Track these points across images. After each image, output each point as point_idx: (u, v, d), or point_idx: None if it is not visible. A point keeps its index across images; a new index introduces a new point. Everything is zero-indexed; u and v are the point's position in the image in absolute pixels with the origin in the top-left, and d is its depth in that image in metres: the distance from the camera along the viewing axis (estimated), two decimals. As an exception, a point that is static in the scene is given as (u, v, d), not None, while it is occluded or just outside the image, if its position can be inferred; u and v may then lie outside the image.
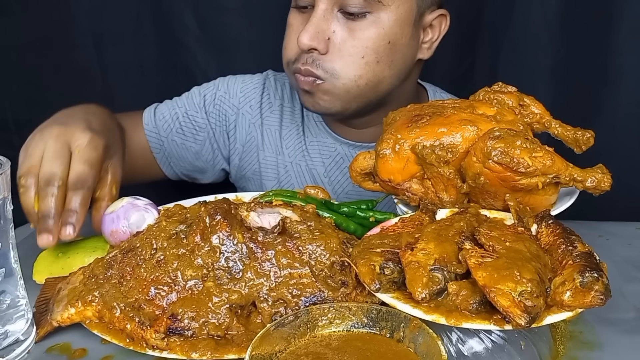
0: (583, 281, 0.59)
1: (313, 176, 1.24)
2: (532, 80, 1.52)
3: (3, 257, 0.66)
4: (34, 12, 1.58)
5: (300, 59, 1.07)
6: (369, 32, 1.04)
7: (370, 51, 1.04)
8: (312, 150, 1.24)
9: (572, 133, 0.82)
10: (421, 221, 0.74)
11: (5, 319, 0.67)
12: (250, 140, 1.27)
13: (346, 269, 0.72)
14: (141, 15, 1.59)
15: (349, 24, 1.04)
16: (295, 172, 1.25)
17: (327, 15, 1.03)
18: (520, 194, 0.75)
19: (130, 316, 0.68)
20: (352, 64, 1.05)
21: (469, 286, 0.61)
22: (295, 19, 1.10)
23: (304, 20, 1.07)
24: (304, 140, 1.25)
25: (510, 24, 1.52)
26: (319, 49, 1.04)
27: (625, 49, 1.45)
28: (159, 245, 0.73)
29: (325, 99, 1.08)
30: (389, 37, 1.05)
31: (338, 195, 1.22)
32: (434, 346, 0.56)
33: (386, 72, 1.08)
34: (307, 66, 1.06)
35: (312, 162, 1.24)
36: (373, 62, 1.05)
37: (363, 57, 1.05)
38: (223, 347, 0.66)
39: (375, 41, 1.04)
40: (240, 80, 1.30)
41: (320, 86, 1.07)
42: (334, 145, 1.23)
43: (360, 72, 1.05)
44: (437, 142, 0.78)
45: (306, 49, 1.04)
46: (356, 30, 1.04)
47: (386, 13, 1.04)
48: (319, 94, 1.08)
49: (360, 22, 1.03)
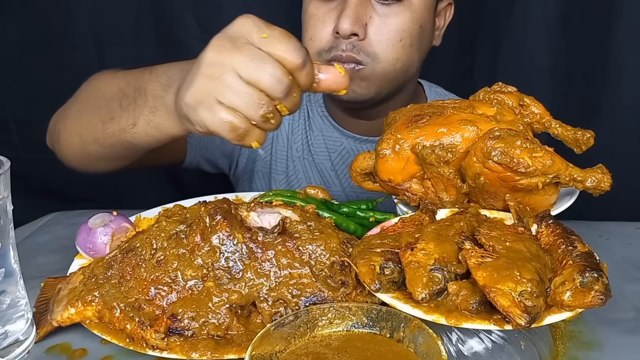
0: (583, 281, 0.59)
1: (320, 170, 1.24)
2: (532, 80, 1.52)
3: (3, 257, 0.66)
4: (34, 12, 1.58)
5: (338, 46, 1.07)
6: (404, 16, 1.07)
7: (407, 35, 1.08)
8: (317, 145, 1.25)
9: (572, 133, 0.82)
10: (421, 221, 0.74)
11: (5, 319, 0.67)
12: None
13: (346, 269, 0.72)
14: (141, 15, 1.59)
15: (384, 10, 1.06)
16: (303, 167, 1.25)
17: (363, 2, 1.06)
18: (520, 194, 0.75)
19: (130, 316, 0.68)
20: (391, 48, 1.07)
21: (469, 286, 0.61)
22: (318, 8, 1.10)
23: (330, 10, 1.08)
24: (309, 134, 1.25)
25: (510, 24, 1.52)
26: (359, 34, 1.05)
27: (625, 49, 1.46)
28: (159, 245, 0.73)
29: (362, 85, 1.10)
30: (420, 21, 1.09)
31: (345, 189, 1.22)
32: (434, 346, 0.56)
33: (416, 56, 1.12)
34: (348, 52, 1.06)
35: (318, 157, 1.25)
36: (408, 46, 1.09)
37: (400, 41, 1.07)
38: (223, 347, 0.66)
39: (410, 25, 1.07)
40: None
41: (360, 72, 1.08)
42: (340, 140, 1.23)
43: (397, 55, 1.08)
44: (437, 142, 0.78)
45: (348, 34, 1.05)
46: (391, 15, 1.06)
47: None
48: (356, 80, 1.09)
49: (395, 7, 1.06)
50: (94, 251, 0.83)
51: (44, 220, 1.11)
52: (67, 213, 1.14)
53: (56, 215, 1.13)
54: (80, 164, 1.06)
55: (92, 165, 1.05)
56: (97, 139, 0.94)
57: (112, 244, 0.84)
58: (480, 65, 1.61)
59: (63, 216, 1.13)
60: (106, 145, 0.94)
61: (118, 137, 0.90)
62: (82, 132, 0.98)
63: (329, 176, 1.23)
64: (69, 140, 1.02)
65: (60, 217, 1.12)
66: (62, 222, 1.10)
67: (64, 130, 1.03)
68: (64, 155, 1.06)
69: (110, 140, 0.92)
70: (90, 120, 0.95)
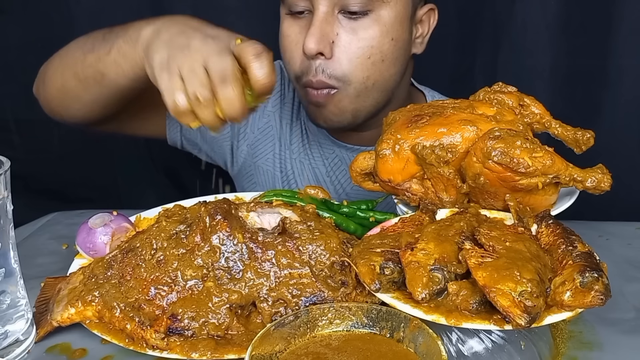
0: (583, 281, 0.59)
1: (315, 175, 1.24)
2: (532, 80, 1.52)
3: (3, 257, 0.66)
4: (35, 12, 1.58)
5: (309, 71, 1.04)
6: (372, 30, 1.03)
7: (376, 50, 1.04)
8: (313, 150, 1.24)
9: (572, 133, 0.82)
10: (421, 221, 0.74)
11: (5, 319, 0.67)
12: (267, 129, 1.25)
13: (346, 269, 0.72)
14: (141, 15, 1.58)
15: (351, 25, 1.02)
16: (299, 169, 1.24)
17: (329, 18, 1.02)
18: (520, 194, 0.75)
19: (130, 316, 0.68)
20: (359, 66, 1.04)
21: (469, 286, 0.61)
22: (290, 27, 1.07)
23: (301, 28, 1.05)
24: (307, 138, 1.24)
25: (510, 24, 1.52)
26: (324, 53, 1.02)
27: (625, 50, 1.46)
28: (159, 245, 0.73)
29: (336, 112, 1.07)
30: (391, 34, 1.04)
31: (339, 195, 1.21)
32: (434, 346, 0.56)
33: (392, 70, 1.07)
34: (318, 77, 1.04)
35: (314, 161, 1.24)
36: (379, 62, 1.05)
37: (369, 58, 1.04)
38: (223, 347, 0.66)
39: (379, 39, 1.03)
40: None
41: (333, 97, 1.05)
42: (332, 148, 1.22)
43: (367, 72, 1.04)
44: (437, 142, 0.78)
45: (314, 53, 1.02)
46: (359, 30, 1.02)
47: (386, 10, 1.03)
48: (330, 107, 1.06)
49: (363, 21, 1.02)
50: (94, 251, 0.83)
51: (44, 220, 1.11)
52: (67, 213, 1.14)
53: (56, 215, 1.13)
54: (58, 106, 1.09)
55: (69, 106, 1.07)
56: (76, 73, 1.00)
57: (112, 244, 0.84)
58: (480, 66, 1.60)
59: (63, 216, 1.13)
60: (82, 79, 0.99)
61: (94, 66, 0.96)
62: (64, 68, 1.03)
63: (324, 182, 1.22)
64: (52, 78, 1.06)
65: (60, 217, 1.12)
66: (62, 222, 1.10)
67: (49, 70, 1.08)
68: (46, 96, 1.10)
69: (87, 72, 0.98)
70: (73, 55, 1.02)
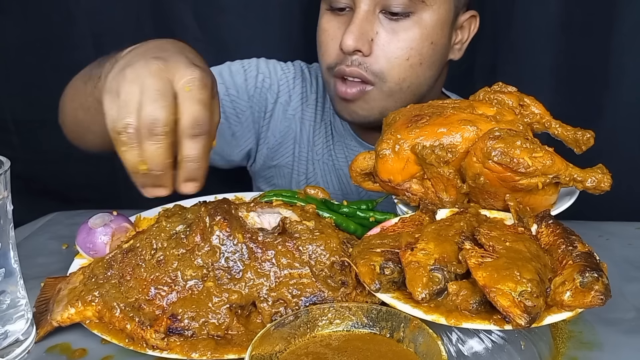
0: (583, 281, 0.59)
1: (339, 176, 1.23)
2: (532, 80, 1.52)
3: (3, 257, 0.66)
4: (34, 12, 1.58)
5: (344, 61, 1.04)
6: (413, 32, 1.02)
7: (415, 52, 1.03)
8: (338, 151, 1.23)
9: (572, 133, 0.82)
10: (421, 221, 0.74)
11: (5, 319, 0.67)
12: (288, 132, 1.24)
13: (346, 269, 0.72)
14: (141, 15, 1.59)
15: (391, 25, 1.02)
16: (322, 171, 1.24)
17: (370, 16, 1.01)
18: (520, 194, 0.75)
19: (130, 316, 0.68)
20: (397, 66, 1.03)
21: (469, 286, 0.61)
22: (329, 22, 1.07)
23: (340, 24, 1.05)
24: (331, 139, 1.23)
25: (510, 24, 1.52)
26: (362, 51, 1.02)
27: (626, 49, 1.45)
28: (159, 245, 0.73)
29: (365, 107, 1.06)
30: (431, 37, 1.03)
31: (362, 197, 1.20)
32: (434, 346, 0.56)
33: (427, 74, 1.07)
34: (352, 67, 1.03)
35: (338, 163, 1.23)
36: (417, 64, 1.04)
37: (408, 59, 1.03)
38: (223, 347, 0.66)
39: (419, 42, 1.03)
40: (279, 67, 1.25)
41: (366, 95, 1.04)
42: (358, 149, 1.21)
43: (404, 74, 1.04)
44: (437, 142, 0.78)
45: (351, 50, 1.01)
46: (399, 31, 1.02)
47: (428, 13, 1.02)
48: (359, 102, 1.06)
49: (404, 23, 1.02)
50: (94, 251, 0.83)
51: (44, 220, 1.11)
52: (67, 213, 1.14)
53: (56, 215, 1.13)
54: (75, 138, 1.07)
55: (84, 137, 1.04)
56: (81, 103, 0.96)
57: (112, 244, 0.84)
58: (480, 66, 1.60)
59: (63, 216, 1.13)
60: (86, 109, 0.94)
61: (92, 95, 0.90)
62: (73, 98, 1.00)
63: (347, 183, 1.21)
64: (65, 109, 1.04)
65: (60, 217, 1.12)
66: (62, 222, 1.10)
67: (63, 101, 1.05)
68: (65, 129, 1.07)
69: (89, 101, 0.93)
70: (77, 84, 0.98)
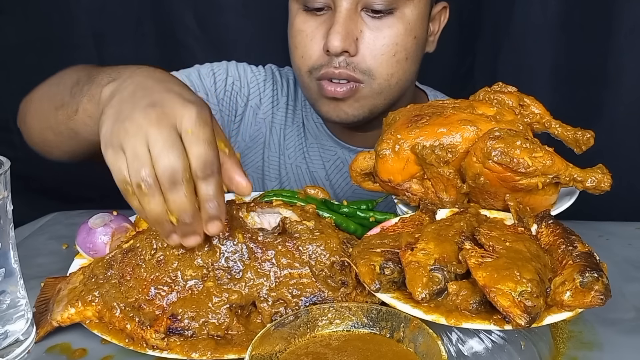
0: (583, 281, 0.59)
1: (314, 179, 1.22)
2: (532, 80, 1.52)
3: (3, 257, 0.66)
4: (34, 12, 1.58)
5: (330, 63, 1.02)
6: (397, 28, 1.02)
7: (401, 48, 1.02)
8: (312, 153, 1.22)
9: (572, 133, 0.82)
10: (421, 221, 0.74)
11: (5, 319, 0.67)
12: (258, 137, 1.23)
13: (346, 269, 0.72)
14: (141, 15, 1.59)
15: (375, 23, 1.01)
16: (296, 174, 1.23)
17: (352, 15, 1.00)
18: (520, 194, 0.75)
19: (130, 316, 0.68)
20: (385, 63, 1.02)
21: (469, 286, 0.61)
22: (306, 23, 1.04)
23: (318, 24, 1.03)
24: (304, 141, 1.22)
25: (510, 24, 1.52)
26: (350, 51, 1.00)
27: (625, 49, 1.46)
28: (159, 245, 0.73)
29: (355, 105, 1.05)
30: (414, 32, 1.03)
31: (339, 199, 1.21)
32: (434, 346, 0.56)
33: (412, 68, 1.07)
34: (341, 69, 1.01)
35: (312, 165, 1.22)
36: (403, 60, 1.04)
37: (394, 55, 1.02)
38: (223, 347, 0.66)
39: (403, 37, 1.02)
40: (250, 70, 1.24)
41: (357, 92, 1.03)
42: (334, 149, 1.20)
43: (392, 70, 1.03)
44: (437, 142, 0.78)
45: (339, 51, 0.99)
46: (383, 28, 1.01)
47: (410, 8, 1.02)
48: (349, 101, 1.04)
49: (387, 20, 1.01)
50: (94, 251, 0.83)
51: (44, 220, 1.11)
52: (67, 213, 1.14)
53: (56, 215, 1.13)
54: (41, 150, 1.06)
55: (51, 152, 1.04)
56: (50, 126, 0.95)
57: (112, 244, 0.83)
58: (480, 66, 1.61)
59: (63, 216, 1.13)
60: (57, 133, 0.94)
61: (65, 124, 0.90)
62: (40, 118, 0.99)
63: (323, 186, 1.20)
64: (31, 123, 1.03)
65: (60, 217, 1.12)
66: (62, 222, 1.10)
67: (28, 113, 1.04)
68: (27, 137, 1.07)
69: (60, 128, 0.92)
70: (47, 107, 0.96)
